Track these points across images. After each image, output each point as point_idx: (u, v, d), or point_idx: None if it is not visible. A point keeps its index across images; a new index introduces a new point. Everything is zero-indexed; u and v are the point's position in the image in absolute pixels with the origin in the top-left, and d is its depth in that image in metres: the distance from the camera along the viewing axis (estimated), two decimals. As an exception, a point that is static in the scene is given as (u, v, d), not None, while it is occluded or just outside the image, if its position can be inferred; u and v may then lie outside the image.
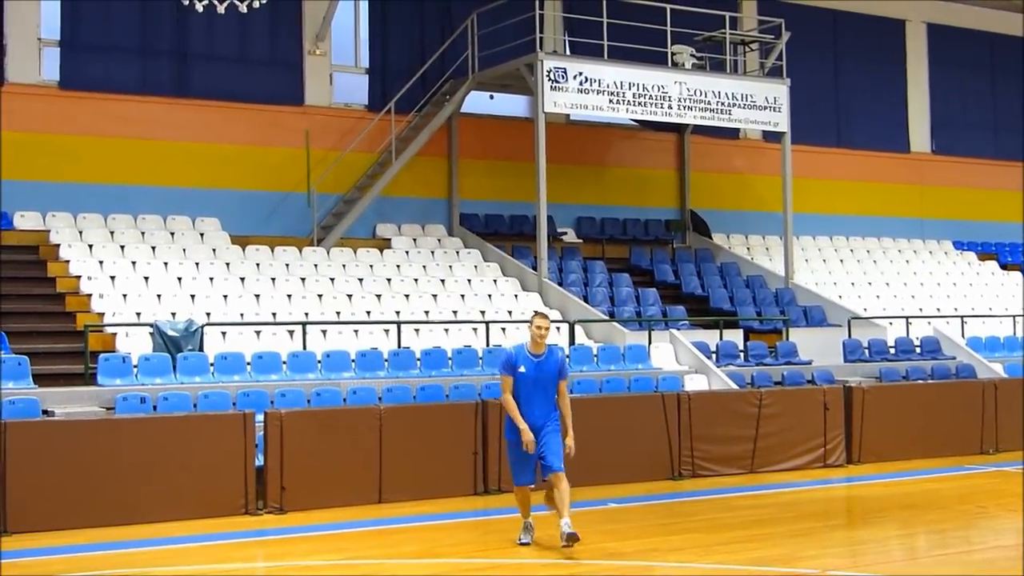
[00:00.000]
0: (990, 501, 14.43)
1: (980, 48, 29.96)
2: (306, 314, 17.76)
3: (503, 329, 18.77)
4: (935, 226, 28.65)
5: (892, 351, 21.15)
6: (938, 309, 24.02)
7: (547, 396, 10.73)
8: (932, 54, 29.33)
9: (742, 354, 19.74)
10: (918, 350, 21.43)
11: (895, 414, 17.44)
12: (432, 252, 21.41)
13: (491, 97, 23.40)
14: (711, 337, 19.85)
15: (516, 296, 20.29)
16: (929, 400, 18.29)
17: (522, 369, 10.63)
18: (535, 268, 20.80)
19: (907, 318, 22.43)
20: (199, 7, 7.54)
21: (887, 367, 20.10)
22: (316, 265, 19.76)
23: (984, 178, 29.71)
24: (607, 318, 19.78)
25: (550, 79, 20.40)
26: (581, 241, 23.74)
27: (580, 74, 20.75)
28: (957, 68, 29.61)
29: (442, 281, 20.23)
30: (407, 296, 19.34)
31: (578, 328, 19.22)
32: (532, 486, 11.01)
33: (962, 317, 23.01)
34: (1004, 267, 28.10)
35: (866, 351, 20.78)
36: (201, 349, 15.78)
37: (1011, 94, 30.57)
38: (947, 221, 28.85)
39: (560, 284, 20.81)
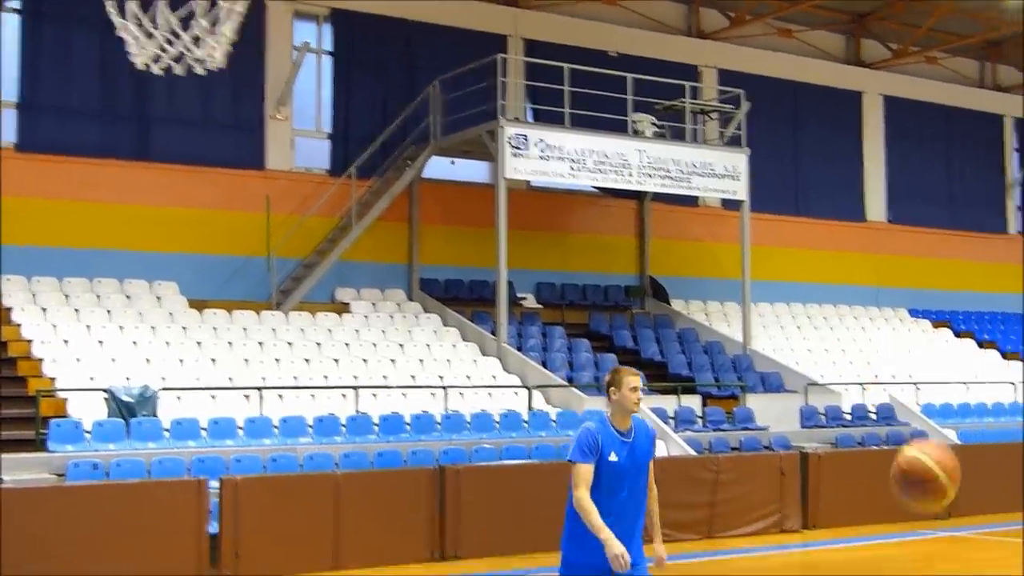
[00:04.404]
0: (944, 566, 14.49)
1: (935, 120, 30.46)
2: (263, 378, 17.67)
3: (461, 394, 18.74)
4: (890, 294, 28.93)
5: (848, 417, 21.26)
6: (893, 376, 24.18)
7: (639, 495, 7.23)
8: (888, 125, 29.78)
9: (700, 420, 19.79)
10: (873, 416, 21.55)
11: (850, 480, 17.50)
12: (391, 317, 21.39)
13: (452, 163, 23.51)
14: (669, 403, 19.89)
15: (475, 361, 20.28)
16: (884, 466, 18.29)
17: (613, 458, 7.09)
18: (494, 333, 20.81)
19: (863, 384, 22.58)
20: (155, 69, 7.55)
21: (843, 433, 20.21)
22: (274, 329, 19.69)
23: (938, 247, 30.09)
24: (566, 383, 19.78)
25: (511, 146, 20.53)
26: (541, 307, 23.77)
27: (541, 141, 20.90)
28: (912, 139, 30.08)
29: (401, 346, 20.20)
30: (365, 361, 19.29)
31: (536, 393, 19.21)
32: None
33: (916, 384, 23.17)
34: (958, 335, 28.35)
35: (822, 417, 20.88)
36: (155, 414, 15.65)
37: (965, 165, 31.07)
38: (902, 289, 29.14)
39: (519, 349, 20.81)
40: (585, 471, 7.02)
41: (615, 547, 6.72)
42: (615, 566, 6.72)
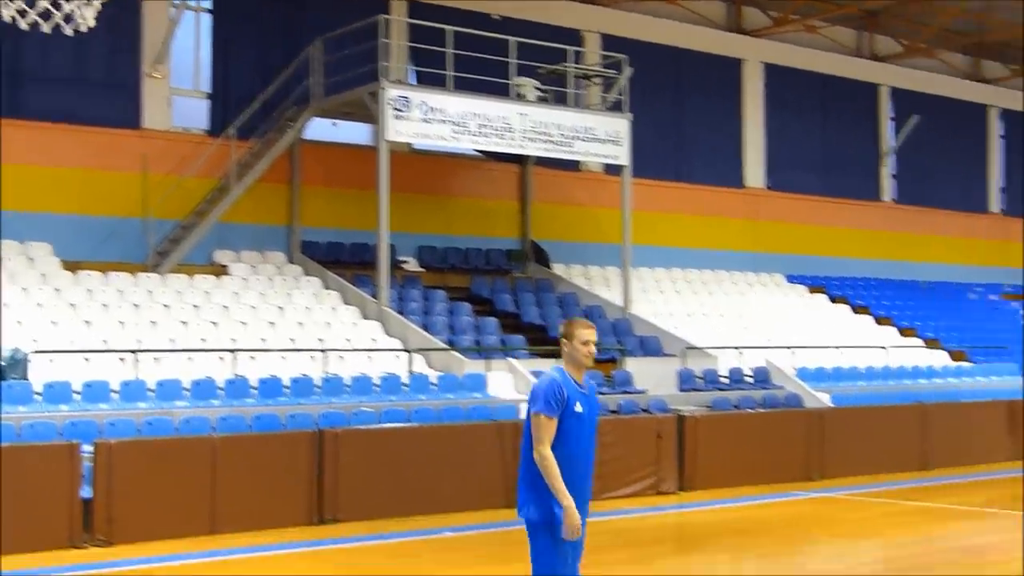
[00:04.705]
0: (816, 526, 14.87)
1: (814, 88, 31.01)
2: (139, 341, 17.39)
3: (341, 357, 18.65)
4: (768, 260, 29.46)
5: (724, 381, 21.65)
6: (769, 340, 24.65)
7: (592, 450, 6.99)
8: (768, 93, 30.22)
9: (580, 383, 19.92)
10: (749, 380, 21.97)
11: (726, 442, 17.85)
12: (271, 279, 21.18)
13: (334, 124, 23.31)
14: (549, 366, 19.96)
15: (355, 324, 20.19)
16: (758, 428, 18.79)
17: (579, 408, 6.80)
18: (375, 296, 20.73)
19: (739, 348, 22.98)
20: (23, 24, 7.35)
21: (719, 396, 20.57)
22: (150, 291, 19.37)
23: (815, 214, 30.72)
24: (447, 347, 19.82)
25: (393, 108, 20.40)
26: (423, 270, 23.74)
27: (424, 104, 20.80)
28: (791, 107, 30.57)
29: (280, 308, 20.01)
30: (244, 323, 19.08)
31: (417, 357, 19.21)
32: None
33: (792, 348, 23.65)
34: (833, 300, 28.99)
35: (699, 380, 21.23)
36: (27, 377, 15.30)
37: (841, 134, 31.69)
38: (779, 255, 29.71)
39: (400, 313, 20.77)
40: (551, 425, 6.66)
41: (574, 518, 6.55)
42: (567, 535, 6.57)
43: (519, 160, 24.93)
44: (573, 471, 6.69)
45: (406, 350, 19.26)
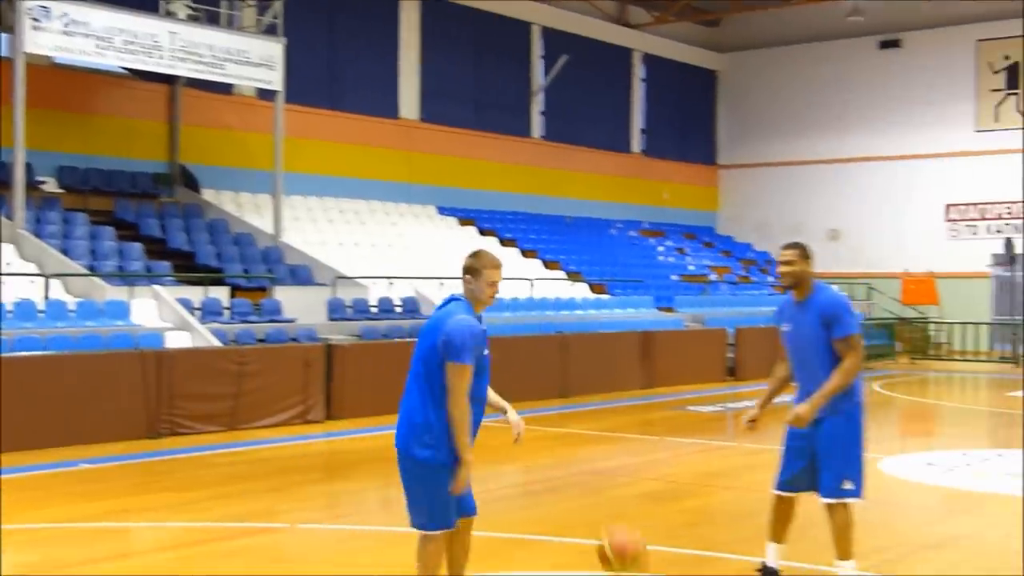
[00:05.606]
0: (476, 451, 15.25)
1: (468, 22, 31.39)
2: None
3: (-30, 282, 17.57)
4: (421, 191, 29.79)
5: (374, 310, 21.81)
6: (420, 271, 24.97)
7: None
8: (424, 25, 30.33)
9: (227, 311, 19.63)
10: (399, 310, 22.22)
11: (374, 371, 17.98)
12: None
13: (-35, 32, 21.74)
14: (196, 294, 19.58)
15: (-13, 247, 19.07)
16: (406, 358, 18.97)
17: (486, 351, 6.60)
18: (10, 218, 19.59)
19: (390, 279, 23.19)
20: None
21: (368, 326, 20.72)
22: None
23: (467, 147, 31.25)
24: (87, 272, 18.99)
25: (31, 18, 19.20)
26: (63, 191, 22.58)
27: (65, 15, 19.67)
28: (447, 40, 30.84)
29: (-99, 228, 18.62)
30: None
31: (55, 282, 18.33)
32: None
33: (440, 279, 24.06)
34: (482, 232, 29.67)
35: (349, 310, 21.30)
36: None
37: (494, 70, 32.30)
38: (432, 187, 30.10)
39: (37, 236, 19.72)
40: (470, 375, 6.40)
41: (465, 480, 6.53)
42: (457, 490, 6.51)
43: (168, 80, 24.05)
44: (477, 414, 6.56)
45: (42, 275, 18.32)
